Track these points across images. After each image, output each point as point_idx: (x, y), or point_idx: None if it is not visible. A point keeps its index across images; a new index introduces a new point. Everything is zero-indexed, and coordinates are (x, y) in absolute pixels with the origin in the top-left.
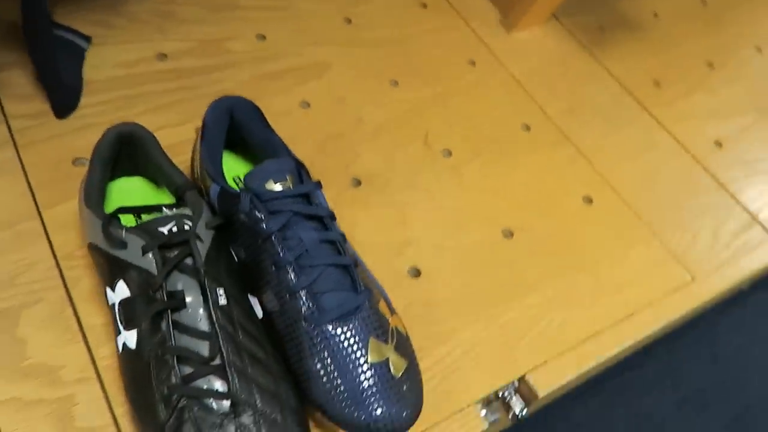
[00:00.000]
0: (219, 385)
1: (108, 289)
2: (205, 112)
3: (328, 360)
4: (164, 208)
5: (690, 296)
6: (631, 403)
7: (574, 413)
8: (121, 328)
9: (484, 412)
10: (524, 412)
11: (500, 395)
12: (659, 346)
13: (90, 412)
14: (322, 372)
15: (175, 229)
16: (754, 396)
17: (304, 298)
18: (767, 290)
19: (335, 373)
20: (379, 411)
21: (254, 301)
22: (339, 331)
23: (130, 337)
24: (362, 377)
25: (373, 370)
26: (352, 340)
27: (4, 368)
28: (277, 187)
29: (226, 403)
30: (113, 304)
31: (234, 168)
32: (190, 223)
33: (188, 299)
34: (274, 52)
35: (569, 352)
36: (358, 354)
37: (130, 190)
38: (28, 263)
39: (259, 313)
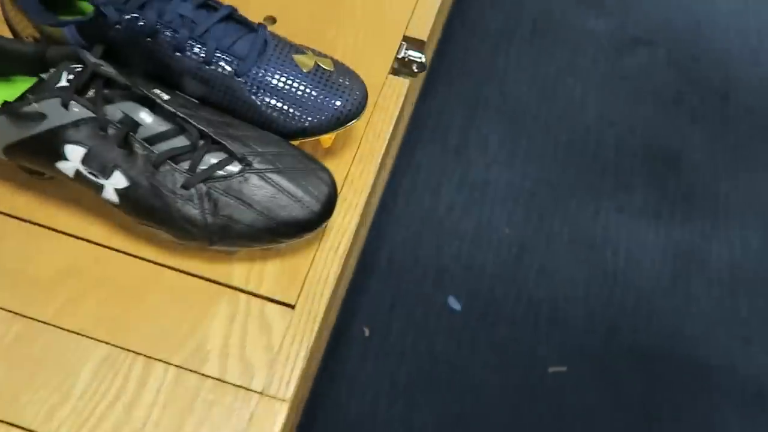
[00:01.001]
0: (217, 157)
1: (58, 164)
2: None
3: (274, 98)
4: (42, 76)
5: None
6: None
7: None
8: (101, 180)
9: (397, 78)
10: (423, 59)
11: (400, 58)
12: None
13: (129, 274)
14: (276, 112)
15: (71, 76)
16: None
17: (222, 58)
18: None
19: (287, 104)
20: (338, 101)
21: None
22: (265, 66)
23: (116, 180)
24: (309, 88)
25: (312, 76)
26: (281, 67)
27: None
28: None
29: (235, 165)
30: (76, 170)
31: None
32: (81, 63)
33: (140, 116)
34: None
35: None
36: (293, 73)
37: None
38: None
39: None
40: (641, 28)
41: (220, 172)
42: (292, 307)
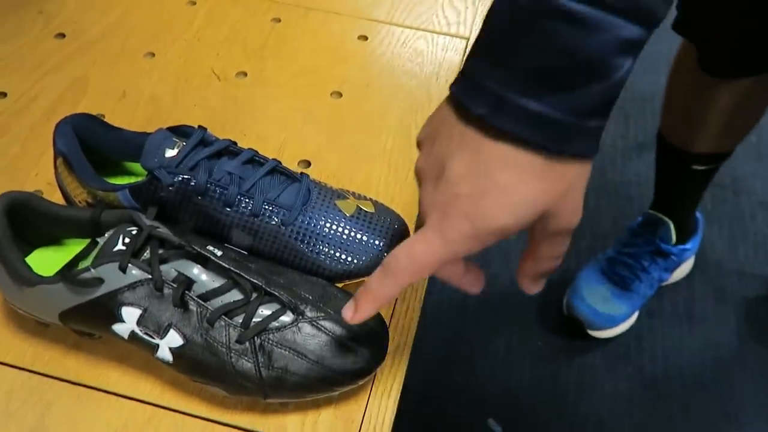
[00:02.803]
0: (270, 308)
1: (114, 327)
2: (55, 147)
3: (320, 243)
4: (98, 240)
5: None
6: None
7: None
8: (156, 340)
9: None
10: None
11: None
12: None
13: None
14: (322, 256)
15: (127, 239)
16: None
17: (269, 210)
18: None
19: (334, 248)
20: (381, 242)
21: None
22: (310, 213)
23: (171, 339)
24: (353, 231)
25: (355, 220)
26: (325, 215)
27: None
28: (175, 151)
29: (288, 315)
30: (131, 332)
31: None
32: (134, 226)
33: (194, 273)
34: None
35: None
36: (337, 218)
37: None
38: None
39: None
40: (644, 134)
41: (274, 324)
42: None
